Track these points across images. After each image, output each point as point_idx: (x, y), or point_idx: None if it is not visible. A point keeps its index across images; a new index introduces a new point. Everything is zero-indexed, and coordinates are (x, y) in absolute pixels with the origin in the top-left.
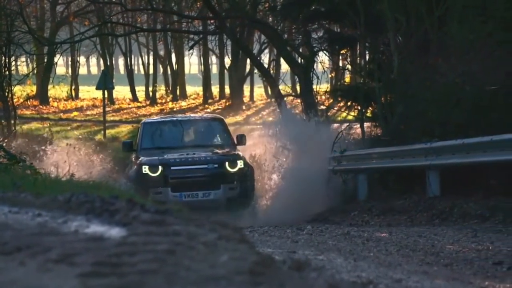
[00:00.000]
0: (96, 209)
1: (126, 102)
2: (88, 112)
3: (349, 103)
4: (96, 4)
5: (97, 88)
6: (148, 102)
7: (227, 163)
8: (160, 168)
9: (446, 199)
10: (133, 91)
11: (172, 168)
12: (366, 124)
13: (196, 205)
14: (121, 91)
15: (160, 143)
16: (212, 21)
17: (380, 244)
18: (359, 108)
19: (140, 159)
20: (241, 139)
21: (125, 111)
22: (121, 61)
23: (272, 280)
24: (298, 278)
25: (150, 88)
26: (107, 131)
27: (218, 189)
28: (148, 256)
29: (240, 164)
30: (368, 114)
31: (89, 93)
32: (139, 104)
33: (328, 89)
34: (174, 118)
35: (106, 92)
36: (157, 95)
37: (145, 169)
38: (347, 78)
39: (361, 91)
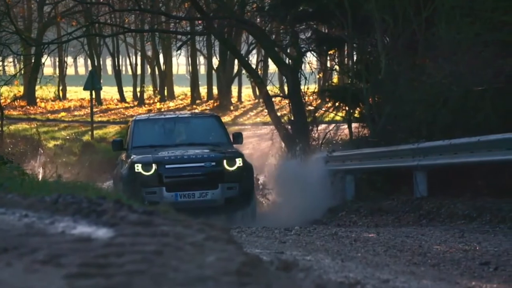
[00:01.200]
0: (83, 210)
1: (113, 102)
2: (76, 113)
3: (337, 104)
4: (84, 4)
5: (84, 89)
6: (136, 103)
7: (225, 161)
8: (154, 166)
9: (433, 200)
10: (120, 91)
11: (167, 166)
12: (353, 125)
13: (192, 205)
14: (109, 92)
15: (152, 141)
16: (199, 22)
17: (367, 244)
18: (346, 108)
19: (131, 157)
20: (238, 138)
21: (112, 111)
22: (108, 62)
23: (259, 281)
24: (285, 278)
25: (138, 89)
26: (94, 132)
27: (216, 188)
28: (136, 257)
29: (239, 162)
30: (356, 115)
31: (77, 93)
32: (126, 105)
33: (316, 90)
34: (168, 115)
35: (93, 92)
36: (145, 96)
37: (138, 168)
38: (335, 79)
39: (348, 92)
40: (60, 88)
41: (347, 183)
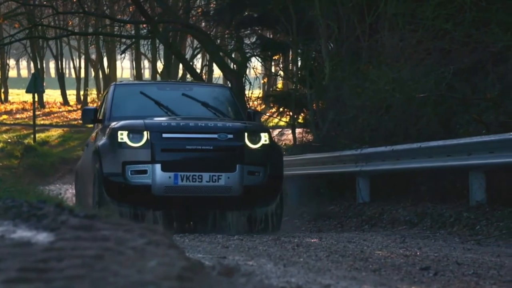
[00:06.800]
0: (23, 214)
1: (56, 105)
2: (18, 116)
3: (281, 109)
4: (27, 6)
5: (27, 91)
6: (79, 106)
7: (246, 135)
8: (146, 134)
9: (375, 205)
10: (64, 94)
11: (164, 135)
12: (297, 130)
13: (198, 193)
14: (52, 95)
15: (140, 111)
16: (144, 26)
17: (310, 249)
18: (291, 114)
19: (113, 123)
20: (255, 117)
21: (55, 115)
22: (52, 65)
23: (200, 286)
24: (227, 283)
25: (82, 92)
26: (37, 135)
27: (232, 171)
28: (76, 261)
29: (264, 138)
30: (300, 120)
31: (19, 96)
32: (70, 108)
33: (261, 95)
34: (162, 82)
35: (36, 95)
36: (89, 99)
37: (122, 136)
38: (279, 84)
39: (293, 97)
40: (2, 90)
41: (290, 188)
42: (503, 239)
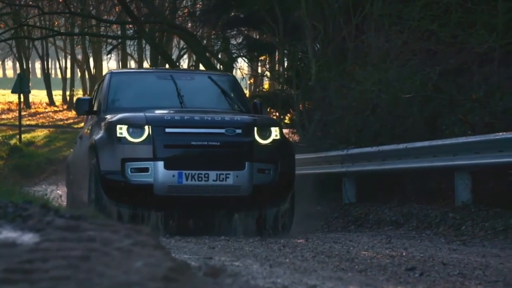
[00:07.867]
0: (9, 215)
1: (42, 106)
2: (3, 116)
3: (267, 110)
4: (13, 6)
5: (12, 92)
6: (65, 107)
7: (256, 130)
8: (147, 129)
9: (361, 206)
10: (50, 95)
11: (167, 130)
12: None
13: (204, 193)
14: (38, 95)
15: (139, 102)
16: (130, 26)
17: (296, 250)
18: (277, 114)
19: (109, 117)
20: (261, 109)
21: (41, 115)
22: (38, 65)
23: (186, 287)
24: (213, 284)
25: (68, 93)
26: (22, 136)
27: (241, 169)
28: (61, 262)
29: (275, 133)
30: (286, 121)
31: (5, 96)
32: (56, 109)
33: (247, 95)
34: (161, 70)
35: (22, 96)
36: (75, 100)
37: (121, 131)
38: (266, 85)
39: (279, 98)
40: None
41: None
42: (488, 240)
